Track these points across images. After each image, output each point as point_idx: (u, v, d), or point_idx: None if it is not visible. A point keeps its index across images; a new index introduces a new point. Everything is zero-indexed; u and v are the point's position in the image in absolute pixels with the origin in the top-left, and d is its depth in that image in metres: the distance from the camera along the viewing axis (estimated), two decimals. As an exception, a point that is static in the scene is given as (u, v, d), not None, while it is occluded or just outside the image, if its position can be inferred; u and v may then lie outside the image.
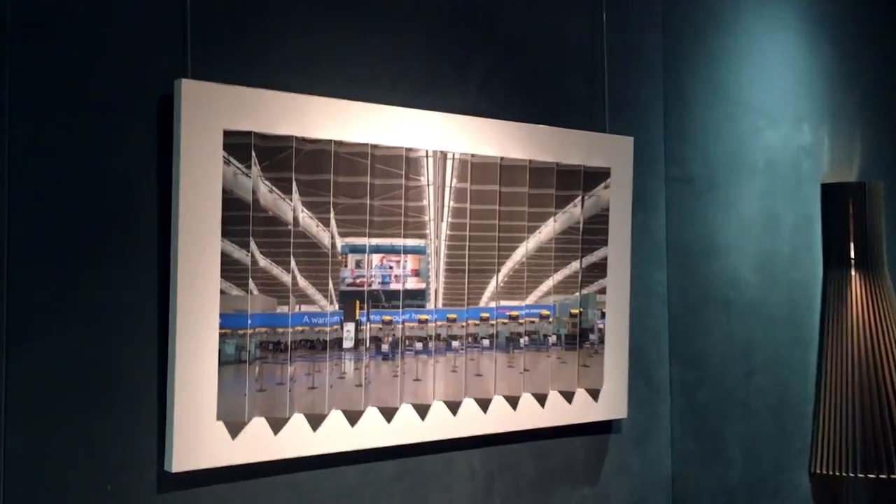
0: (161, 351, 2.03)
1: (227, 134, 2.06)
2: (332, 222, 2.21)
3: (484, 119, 2.50)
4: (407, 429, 2.35)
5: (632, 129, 2.88)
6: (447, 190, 2.40)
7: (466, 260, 2.43)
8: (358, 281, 2.26)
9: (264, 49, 2.23)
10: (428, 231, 2.37)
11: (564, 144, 2.64)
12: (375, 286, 2.29)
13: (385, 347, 2.30)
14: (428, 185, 2.37)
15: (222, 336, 2.06)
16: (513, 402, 2.54)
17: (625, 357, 2.79)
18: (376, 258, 2.29)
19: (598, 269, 2.72)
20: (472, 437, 2.49)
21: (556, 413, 2.64)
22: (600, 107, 2.83)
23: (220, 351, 2.05)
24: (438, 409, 2.41)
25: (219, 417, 2.05)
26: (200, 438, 2.03)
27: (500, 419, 2.52)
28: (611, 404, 2.76)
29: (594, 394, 2.72)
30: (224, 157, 2.05)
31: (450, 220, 2.41)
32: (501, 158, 2.49)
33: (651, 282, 2.98)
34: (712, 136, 3.16)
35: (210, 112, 2.04)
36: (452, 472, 2.49)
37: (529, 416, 2.58)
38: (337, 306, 2.23)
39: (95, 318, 1.97)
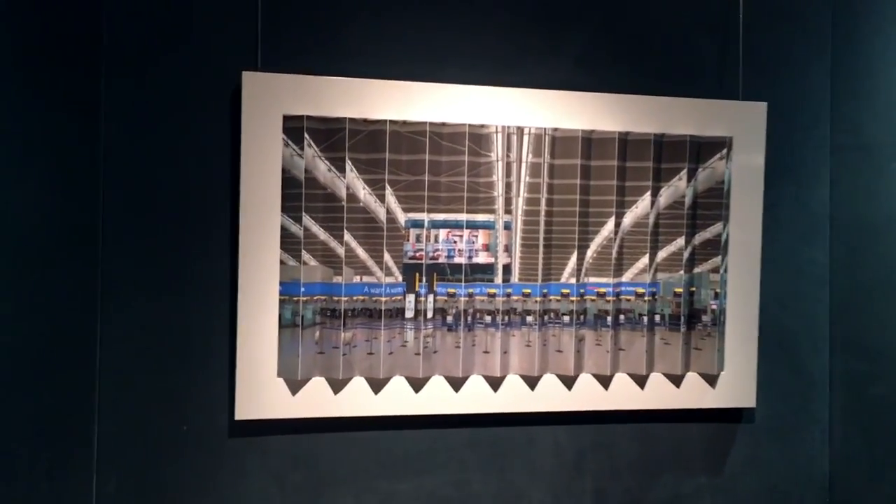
0: (232, 314, 2.30)
1: (286, 119, 2.27)
2: (390, 198, 2.33)
3: (569, 92, 2.44)
4: (478, 399, 2.41)
5: (778, 93, 2.63)
6: (523, 165, 2.40)
7: (541, 235, 2.41)
8: (418, 254, 2.36)
9: (339, 37, 2.39)
10: (497, 206, 2.39)
11: (669, 114, 2.49)
12: (441, 260, 2.37)
13: (450, 319, 2.38)
14: (497, 160, 2.39)
15: (282, 302, 2.28)
16: (603, 381, 2.48)
17: (753, 341, 2.57)
18: (443, 233, 2.37)
19: (713, 247, 2.53)
20: (558, 413, 2.48)
21: (660, 396, 2.52)
22: (732, 71, 2.60)
23: (280, 315, 2.28)
24: (514, 382, 2.43)
25: (279, 374, 2.29)
26: (262, 392, 2.28)
27: (588, 397, 2.48)
28: (733, 391, 2.56)
29: (710, 379, 2.55)
30: (284, 139, 2.27)
31: (526, 195, 2.41)
32: (592, 131, 2.43)
33: (804, 261, 2.69)
34: (901, 97, 2.76)
35: (272, 99, 2.26)
36: (535, 446, 2.50)
37: (625, 397, 2.50)
38: (400, 278, 2.35)
39: (177, 284, 2.30)
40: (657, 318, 2.50)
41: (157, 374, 2.28)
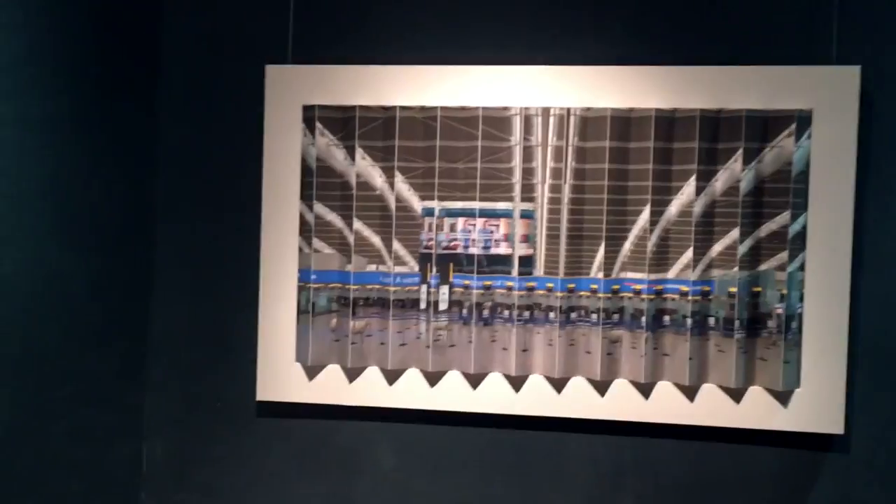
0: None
1: (305, 109, 2.30)
2: (403, 185, 2.26)
3: (611, 67, 2.21)
4: (497, 399, 2.27)
5: (888, 55, 2.16)
6: (549, 149, 2.21)
7: (563, 225, 2.20)
8: (431, 243, 2.27)
9: (368, 24, 2.37)
10: (514, 194, 2.22)
11: (730, 86, 2.15)
12: (459, 250, 2.26)
13: (465, 312, 2.26)
14: (515, 144, 2.22)
15: (299, 289, 2.32)
16: (642, 389, 2.21)
17: (841, 354, 2.13)
18: (461, 222, 2.26)
19: (779, 240, 2.13)
20: (590, 421, 2.25)
21: (715, 412, 2.19)
22: (823, 29, 2.17)
23: (297, 302, 2.32)
24: (537, 383, 2.25)
25: (297, 360, 2.33)
26: (280, 376, 2.34)
27: (624, 406, 2.22)
28: (812, 413, 2.15)
29: (781, 396, 2.16)
30: (303, 128, 2.30)
31: (551, 181, 2.21)
32: (631, 109, 2.18)
33: (924, 259, 2.18)
34: None
35: (293, 90, 2.31)
36: (566, 456, 2.29)
37: (671, 409, 2.20)
38: (416, 268, 2.28)
39: (219, 265, 2.43)
40: (711, 321, 2.17)
41: (199, 351, 2.44)
